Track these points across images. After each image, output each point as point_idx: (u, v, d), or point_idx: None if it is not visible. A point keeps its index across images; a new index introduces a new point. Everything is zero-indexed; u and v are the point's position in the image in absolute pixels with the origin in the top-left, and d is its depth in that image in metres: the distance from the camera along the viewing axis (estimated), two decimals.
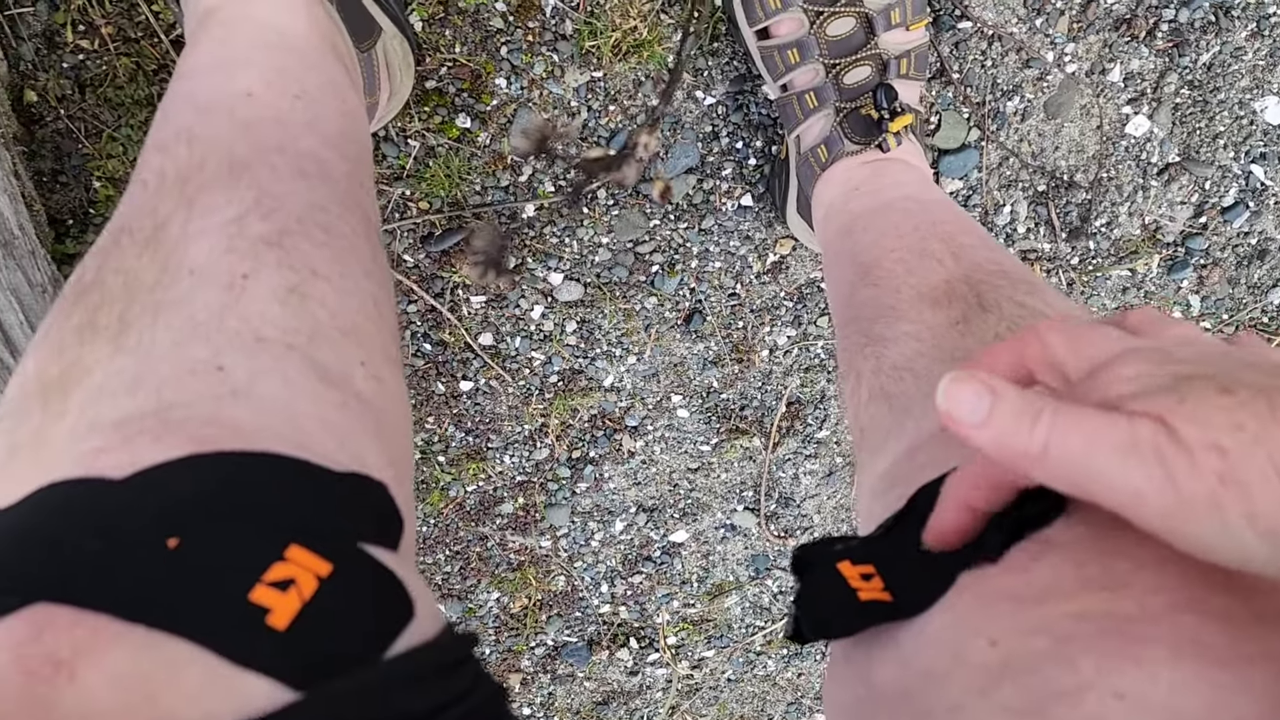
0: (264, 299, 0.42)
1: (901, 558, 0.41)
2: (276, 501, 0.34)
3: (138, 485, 0.32)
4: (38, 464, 0.34)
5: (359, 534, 0.35)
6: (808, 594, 0.44)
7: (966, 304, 0.56)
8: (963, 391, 0.31)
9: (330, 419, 0.40)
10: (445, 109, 0.83)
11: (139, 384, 0.37)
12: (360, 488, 0.38)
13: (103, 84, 0.75)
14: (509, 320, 0.99)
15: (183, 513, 0.31)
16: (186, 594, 0.29)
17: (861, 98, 0.77)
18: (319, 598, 0.30)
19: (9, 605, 0.27)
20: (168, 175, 0.48)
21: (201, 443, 0.34)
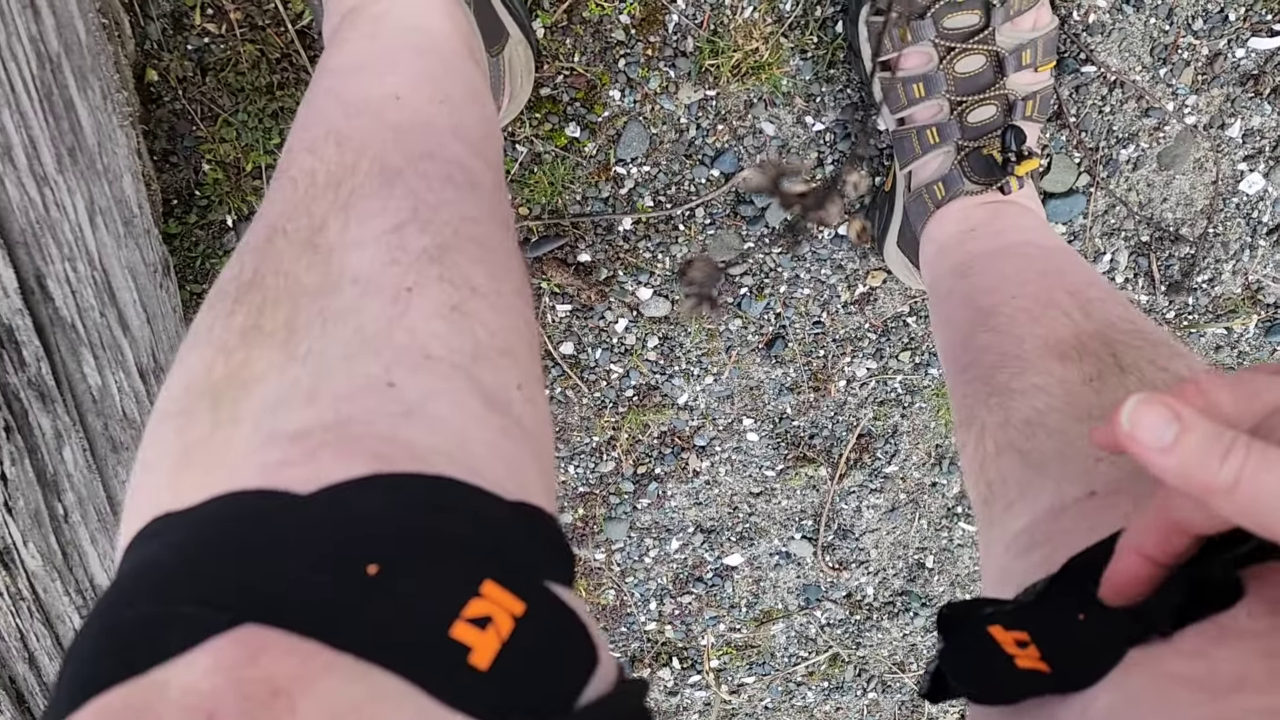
0: (429, 315, 0.41)
1: (1060, 627, 0.40)
2: (464, 531, 0.32)
3: (325, 502, 0.31)
4: (216, 468, 0.33)
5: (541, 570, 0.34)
6: (956, 655, 0.42)
7: (1101, 361, 0.55)
8: (1149, 415, 0.30)
9: (498, 445, 0.39)
10: (557, 116, 0.82)
11: (315, 395, 0.36)
12: (533, 519, 0.37)
13: (225, 69, 0.75)
14: (592, 331, 0.98)
15: (376, 538, 0.30)
16: (391, 625, 0.28)
17: (984, 137, 0.76)
18: (515, 638, 0.29)
19: (221, 624, 0.26)
20: (318, 176, 0.47)
21: (382, 461, 0.33)
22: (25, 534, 0.64)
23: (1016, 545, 0.49)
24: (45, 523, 0.66)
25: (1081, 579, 0.42)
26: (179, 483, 0.34)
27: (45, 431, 0.64)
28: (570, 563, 0.37)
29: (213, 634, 0.27)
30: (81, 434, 0.66)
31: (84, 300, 0.63)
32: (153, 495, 0.35)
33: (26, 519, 0.64)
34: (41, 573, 0.67)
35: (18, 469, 0.63)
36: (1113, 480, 0.46)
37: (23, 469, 0.63)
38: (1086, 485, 0.47)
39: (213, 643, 0.26)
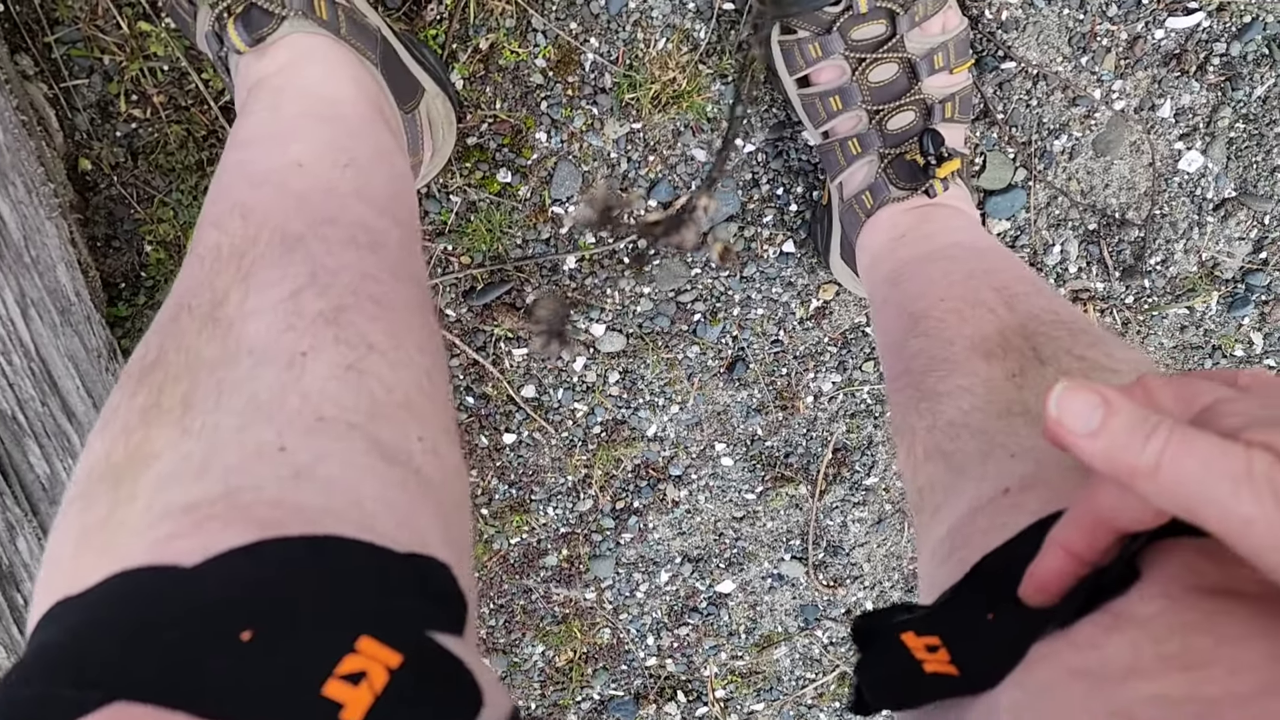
0: (323, 377, 0.42)
1: (968, 628, 0.40)
2: (345, 589, 0.33)
3: (209, 573, 0.32)
4: (110, 549, 0.34)
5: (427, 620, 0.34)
6: (869, 665, 0.42)
7: (1022, 356, 0.55)
8: (1075, 400, 0.31)
9: (392, 498, 0.39)
10: (486, 164, 0.83)
11: (206, 468, 0.37)
12: (425, 570, 0.37)
13: (154, 151, 0.77)
14: (551, 372, 0.98)
15: (255, 602, 0.31)
16: (261, 690, 0.29)
17: (906, 143, 0.76)
18: (390, 690, 0.30)
19: (88, 704, 0.27)
20: (223, 250, 0.48)
21: (268, 526, 0.34)
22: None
23: (940, 552, 0.48)
24: (5, 614, 0.67)
25: (992, 579, 0.42)
26: (77, 566, 0.35)
27: None
28: (460, 611, 0.37)
29: (84, 713, 0.27)
30: (34, 523, 0.67)
31: (23, 392, 0.64)
32: (52, 581, 0.36)
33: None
34: (6, 665, 0.67)
35: None
36: (1027, 475, 0.46)
37: None
38: (1001, 482, 0.47)
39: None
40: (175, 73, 0.74)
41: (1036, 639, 0.36)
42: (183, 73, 0.74)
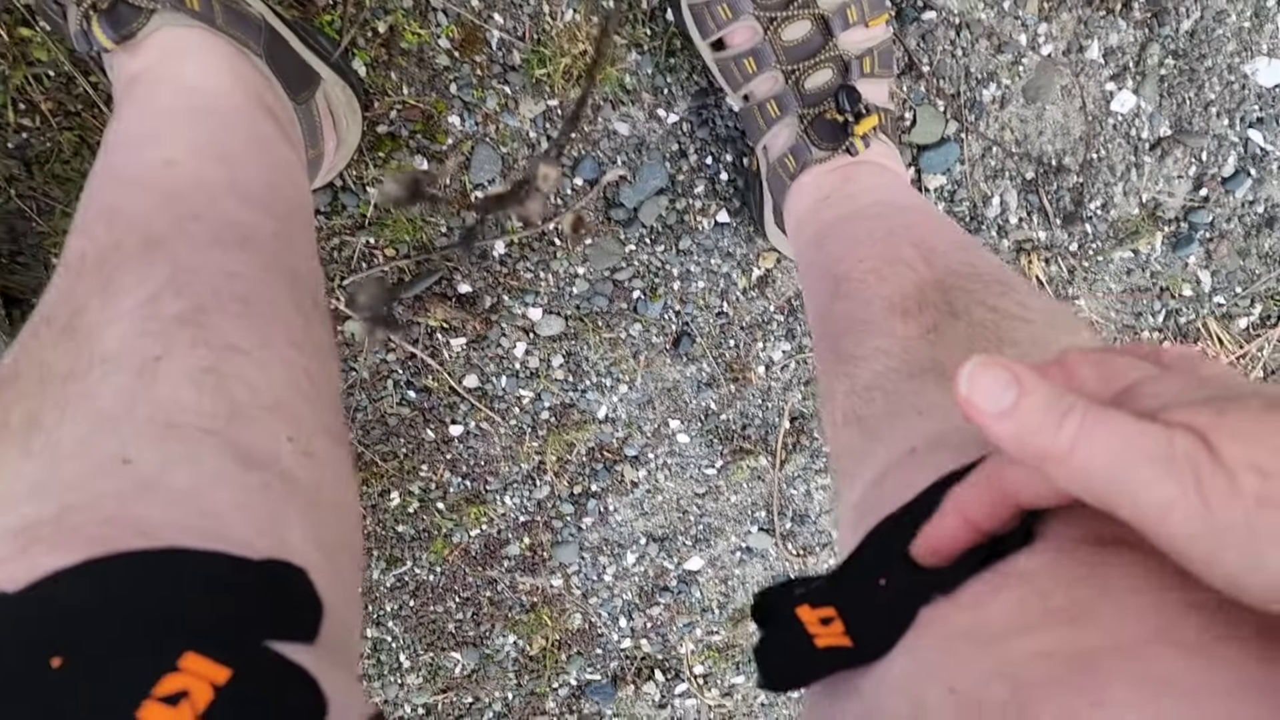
0: (177, 382, 0.41)
1: (862, 596, 0.38)
2: (173, 604, 0.32)
3: (30, 598, 0.31)
4: None
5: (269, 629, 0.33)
6: (768, 643, 0.41)
7: (937, 311, 0.53)
8: (986, 378, 0.29)
9: (249, 504, 0.38)
10: (400, 152, 0.81)
11: (41, 489, 0.36)
12: (277, 575, 0.36)
13: (49, 160, 0.74)
14: (492, 360, 0.96)
15: (70, 627, 0.30)
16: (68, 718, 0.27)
17: (825, 102, 0.74)
18: (215, 708, 0.28)
19: None
20: (88, 257, 0.47)
21: (100, 544, 0.33)
22: None
23: (850, 519, 0.47)
24: None
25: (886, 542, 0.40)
26: None
27: None
28: (312, 616, 0.36)
29: None
30: None
31: None
32: None
33: None
34: None
35: None
36: (932, 433, 0.45)
37: None
38: (909, 442, 0.45)
39: None
40: (61, 78, 0.72)
41: (925, 603, 0.34)
42: (69, 77, 0.71)
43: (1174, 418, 0.26)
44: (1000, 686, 0.30)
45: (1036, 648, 0.30)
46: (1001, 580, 0.33)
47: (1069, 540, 0.33)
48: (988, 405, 0.28)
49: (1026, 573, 0.33)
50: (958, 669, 0.31)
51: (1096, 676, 0.28)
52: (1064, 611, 0.30)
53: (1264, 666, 0.26)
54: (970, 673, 0.31)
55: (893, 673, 0.34)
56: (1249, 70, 0.89)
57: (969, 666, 0.31)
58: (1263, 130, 0.93)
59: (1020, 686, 0.29)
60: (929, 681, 0.32)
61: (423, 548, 1.10)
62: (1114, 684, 0.27)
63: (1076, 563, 0.32)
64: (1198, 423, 0.25)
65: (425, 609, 1.16)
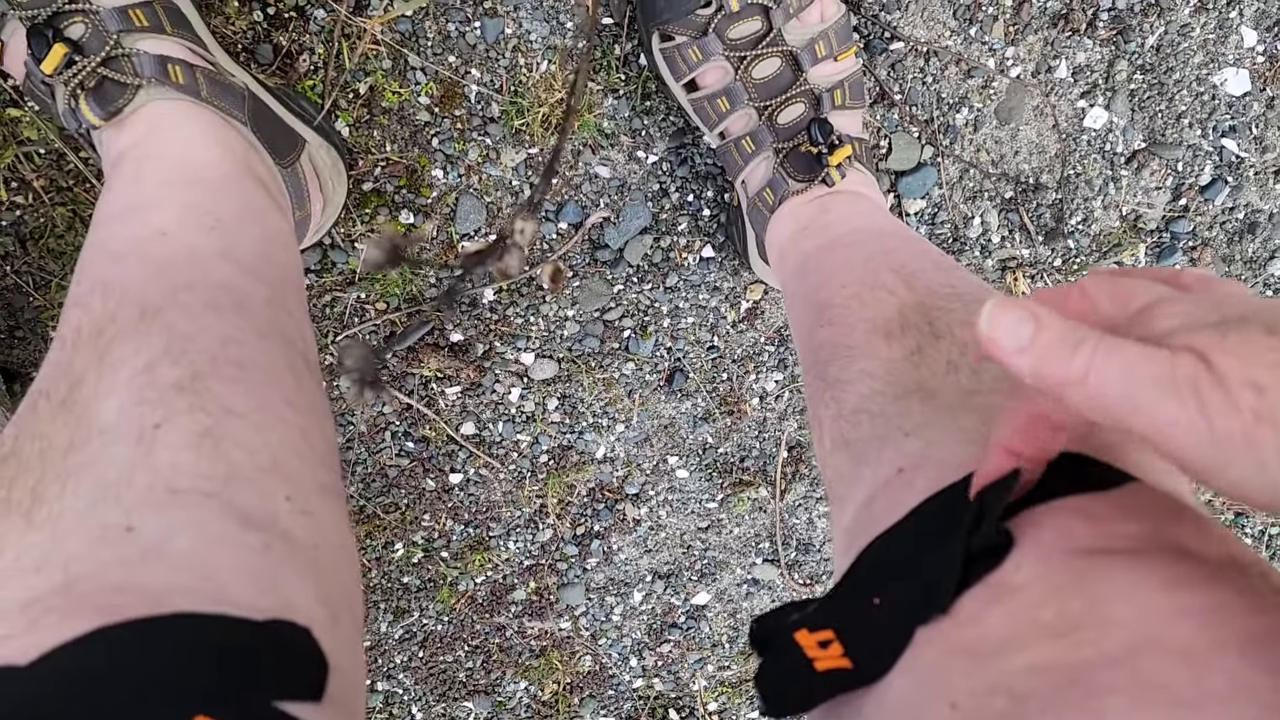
0: (176, 447, 0.41)
1: (857, 617, 0.39)
2: (183, 668, 0.33)
3: (43, 670, 0.32)
4: None
5: (275, 689, 0.33)
6: (768, 669, 0.41)
7: (920, 333, 0.54)
8: (1005, 318, 0.31)
9: (250, 565, 0.39)
10: (386, 208, 0.82)
11: (47, 560, 0.36)
12: (282, 636, 0.36)
13: (43, 235, 0.75)
14: (488, 406, 0.97)
15: (83, 698, 0.30)
16: None
17: (798, 135, 0.76)
18: None
19: None
20: (83, 331, 0.48)
21: (108, 613, 0.33)
22: None
23: (843, 543, 0.48)
24: None
25: (878, 564, 0.41)
26: None
27: None
28: (318, 674, 0.36)
29: None
30: None
31: None
32: None
33: None
34: None
35: None
36: (917, 453, 0.45)
37: None
38: (896, 463, 0.46)
39: None
40: (52, 155, 0.73)
41: (922, 623, 0.35)
42: (59, 154, 0.73)
43: (1178, 341, 0.27)
44: (999, 699, 0.30)
45: (1031, 662, 0.30)
46: (993, 594, 0.34)
47: (1055, 551, 0.34)
48: (1008, 342, 0.30)
49: (1017, 586, 0.33)
50: (957, 685, 0.32)
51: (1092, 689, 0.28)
52: (1054, 625, 0.31)
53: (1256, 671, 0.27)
54: (969, 688, 0.32)
55: (893, 692, 0.35)
56: (1217, 80, 0.91)
57: (968, 682, 0.32)
58: (1236, 138, 0.94)
59: (1019, 700, 0.30)
60: (929, 699, 0.33)
61: (429, 597, 1.10)
62: (1110, 695, 0.28)
63: (1062, 572, 0.33)
64: (1199, 344, 0.26)
65: (435, 659, 1.15)
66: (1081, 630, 0.30)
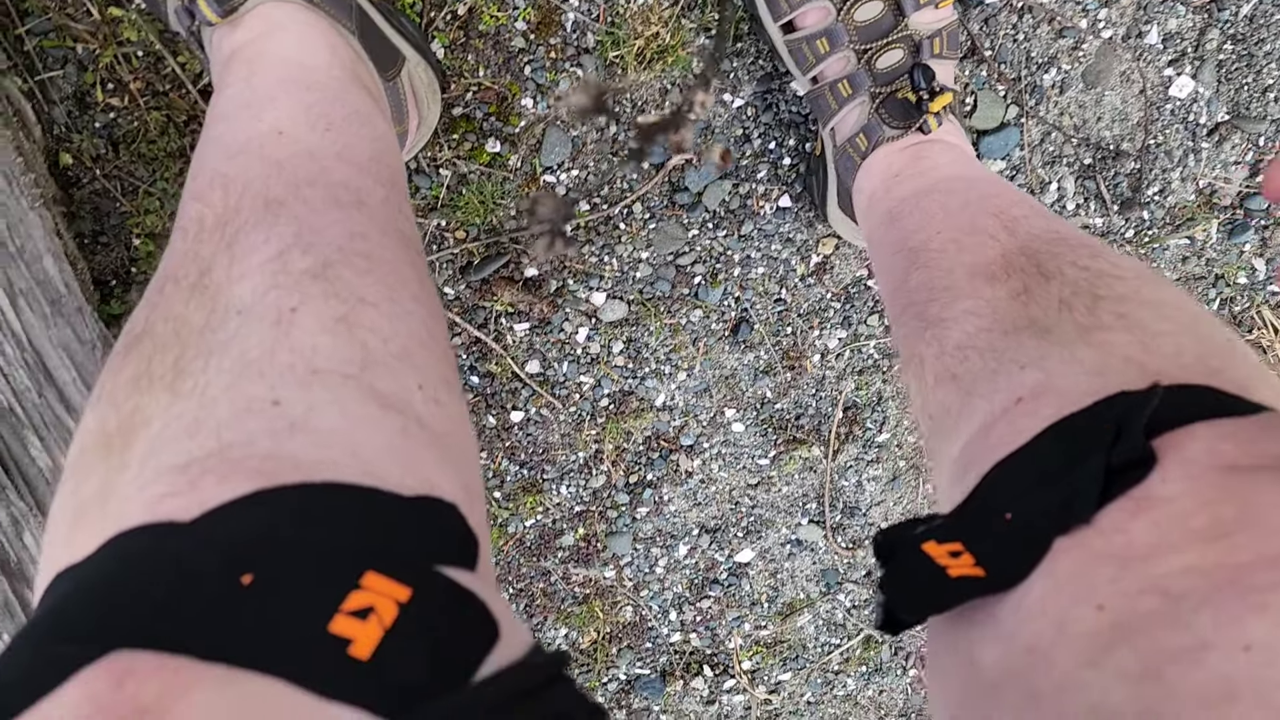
0: (313, 331, 0.42)
1: (988, 530, 0.39)
2: (347, 530, 0.33)
3: (205, 525, 0.32)
4: (105, 517, 0.34)
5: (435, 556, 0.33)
6: (895, 577, 0.42)
7: (1026, 274, 0.54)
8: None
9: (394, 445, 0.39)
10: (474, 134, 0.82)
11: (198, 427, 0.36)
12: (431, 510, 0.37)
13: (135, 140, 0.76)
14: (554, 345, 0.97)
15: (253, 549, 0.31)
16: (264, 630, 0.28)
17: (897, 81, 0.75)
18: (400, 624, 0.29)
19: (88, 655, 0.27)
20: (206, 221, 0.48)
21: (265, 478, 0.34)
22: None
23: (955, 471, 0.48)
24: (17, 612, 0.66)
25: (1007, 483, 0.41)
26: (74, 538, 0.35)
27: (2, 520, 0.64)
28: (471, 548, 0.36)
29: (82, 667, 0.27)
30: (40, 518, 0.66)
31: (18, 383, 0.63)
32: (52, 557, 0.36)
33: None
34: None
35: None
36: (1038, 384, 0.45)
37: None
38: (1014, 394, 0.46)
39: (81, 675, 0.27)
40: (150, 57, 0.73)
41: (1062, 532, 0.35)
42: (158, 57, 0.73)
43: None
44: (1151, 599, 0.30)
45: (1185, 564, 0.31)
46: (1137, 506, 0.34)
47: (1202, 466, 0.34)
48: None
49: (1164, 497, 0.33)
50: (1104, 588, 0.32)
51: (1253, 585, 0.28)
52: (1206, 531, 0.31)
53: None
54: (1117, 589, 0.32)
55: (1031, 597, 0.35)
56: None
57: (1115, 584, 0.32)
58: None
59: (1173, 598, 0.30)
60: (1073, 602, 0.33)
61: None
62: (1272, 592, 0.28)
63: (1211, 486, 0.33)
64: None
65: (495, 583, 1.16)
66: (1236, 535, 0.30)
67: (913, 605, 0.40)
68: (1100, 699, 0.30)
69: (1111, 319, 0.46)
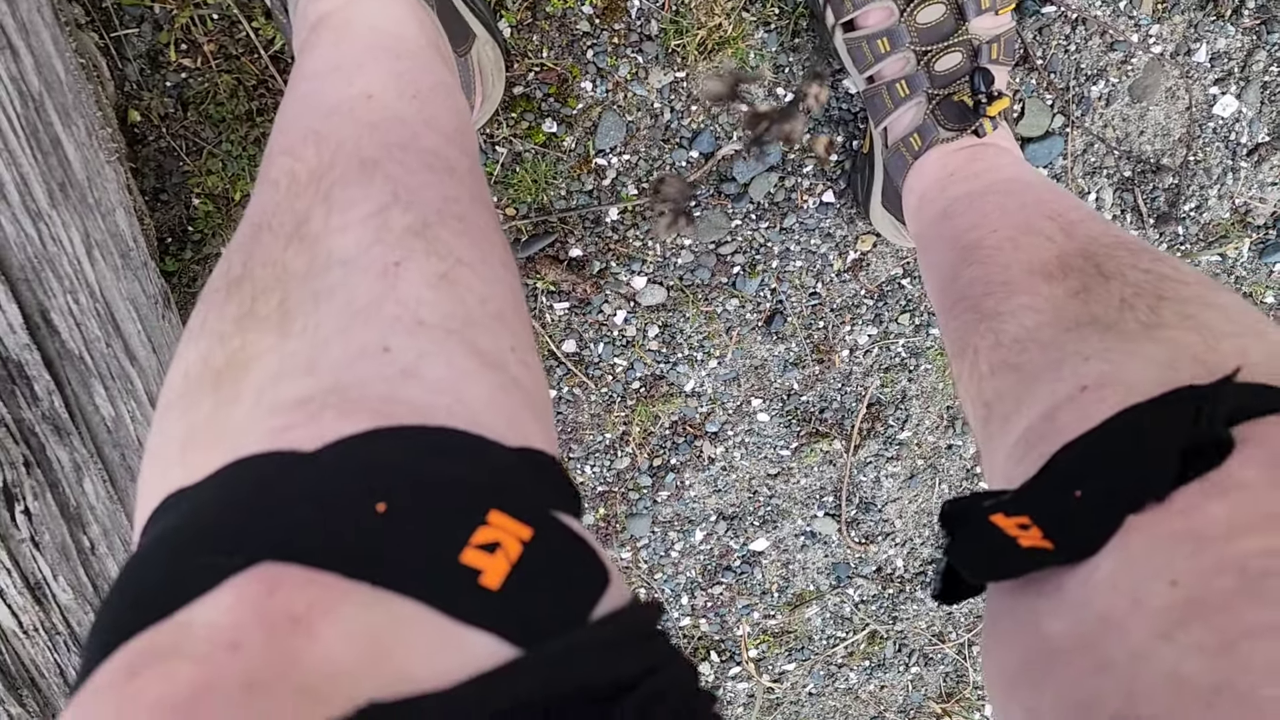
0: (418, 285, 0.43)
1: (1058, 505, 0.40)
2: (469, 470, 0.34)
3: (331, 456, 0.33)
4: (221, 442, 0.35)
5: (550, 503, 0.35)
6: (962, 545, 0.43)
7: (1085, 274, 0.55)
8: None
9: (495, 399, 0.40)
10: (532, 114, 0.83)
11: (314, 365, 0.37)
12: (537, 462, 0.38)
13: (204, 101, 0.77)
14: (592, 326, 0.99)
15: (383, 480, 0.31)
16: (402, 555, 0.29)
17: (954, 84, 0.77)
18: (524, 560, 0.30)
19: (235, 565, 0.27)
20: (299, 175, 0.49)
21: (384, 418, 0.34)
22: (54, 568, 0.65)
23: (1015, 453, 0.49)
24: (73, 555, 0.67)
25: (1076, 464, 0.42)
26: (187, 460, 0.35)
27: (64, 465, 0.65)
28: (576, 499, 0.38)
29: (230, 575, 0.28)
30: (100, 465, 0.67)
31: (89, 332, 0.64)
32: (162, 477, 0.36)
33: (54, 553, 0.65)
34: (74, 606, 0.68)
35: (40, 503, 0.64)
36: (1105, 374, 0.47)
37: (45, 503, 0.64)
38: (1079, 381, 0.47)
39: (232, 581, 0.27)
40: (225, 21, 0.74)
41: (1135, 510, 0.36)
42: (233, 21, 0.74)
43: None
44: (1228, 577, 0.31)
45: (1264, 545, 0.32)
46: (1214, 488, 0.35)
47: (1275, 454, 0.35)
48: None
49: (1242, 481, 0.34)
50: (1179, 564, 0.33)
51: None
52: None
53: None
54: (1193, 566, 0.33)
55: (1102, 571, 0.36)
56: None
57: (1191, 561, 0.33)
58: None
59: (1250, 577, 0.31)
60: (1146, 578, 0.34)
61: None
62: None
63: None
64: None
65: None
66: None
67: (980, 570, 0.41)
68: (1175, 669, 0.31)
69: (1176, 319, 0.47)
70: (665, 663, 0.32)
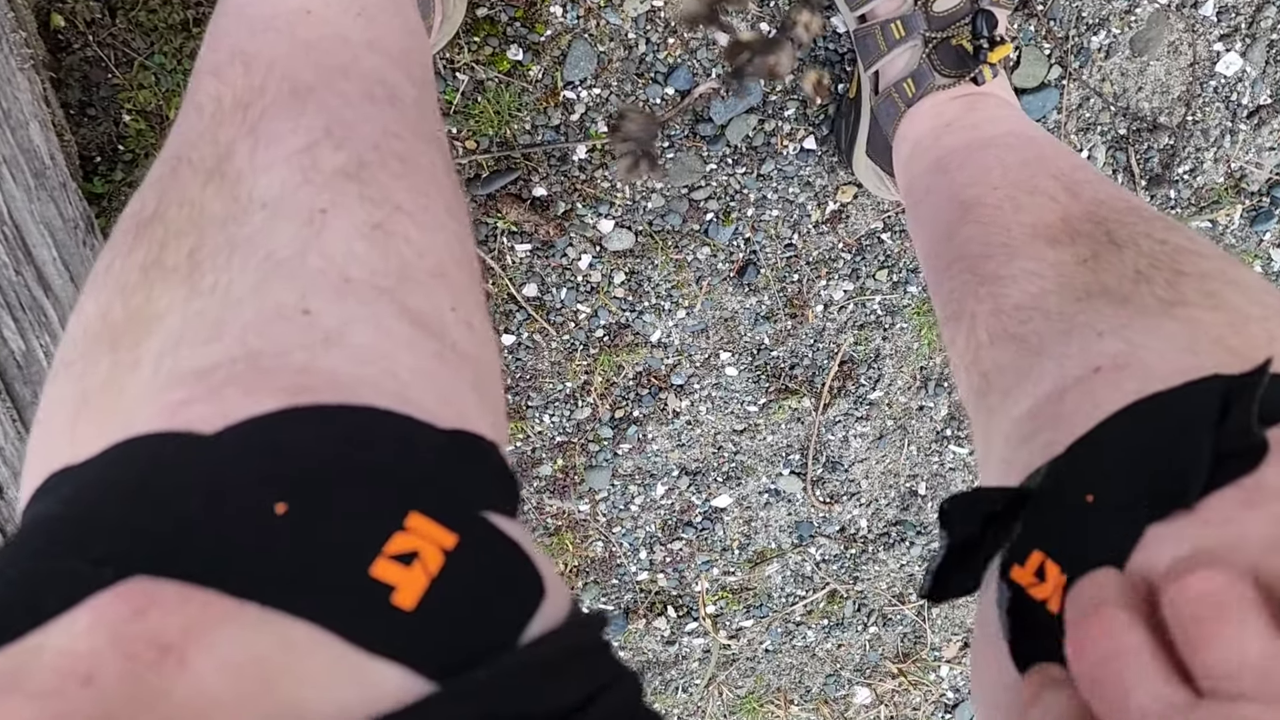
0: (347, 235, 0.38)
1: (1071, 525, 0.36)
2: (389, 462, 0.29)
3: (232, 441, 0.28)
4: (114, 414, 0.31)
5: (479, 499, 0.30)
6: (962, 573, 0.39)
7: (1094, 241, 0.51)
8: None
9: (429, 370, 0.35)
10: (497, 39, 0.77)
11: (221, 329, 0.33)
12: (471, 448, 0.33)
13: (135, 7, 0.70)
14: (555, 270, 0.94)
15: (286, 474, 0.27)
16: (300, 568, 0.25)
17: (952, 27, 0.71)
18: (446, 574, 0.26)
19: (104, 578, 0.24)
20: (224, 101, 0.43)
21: (297, 394, 0.30)
22: None
23: (1018, 433, 0.46)
24: None
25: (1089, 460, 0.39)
26: (75, 434, 0.32)
27: None
28: (514, 491, 0.33)
29: (95, 590, 0.24)
30: (9, 403, 0.62)
31: None
32: (48, 450, 0.33)
33: None
34: None
35: None
36: (1120, 354, 0.43)
37: None
38: (1091, 361, 0.43)
39: (94, 600, 0.24)
40: None
41: (1158, 519, 0.33)
42: None
43: None
44: None
45: None
46: (1249, 497, 0.31)
47: None
48: None
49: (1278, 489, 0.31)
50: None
51: None
52: None
53: None
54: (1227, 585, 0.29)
55: None
56: None
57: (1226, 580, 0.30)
58: None
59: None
60: None
61: None
62: None
63: None
64: None
65: None
66: None
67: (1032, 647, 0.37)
68: None
69: (1198, 296, 0.43)
70: (612, 680, 0.28)
